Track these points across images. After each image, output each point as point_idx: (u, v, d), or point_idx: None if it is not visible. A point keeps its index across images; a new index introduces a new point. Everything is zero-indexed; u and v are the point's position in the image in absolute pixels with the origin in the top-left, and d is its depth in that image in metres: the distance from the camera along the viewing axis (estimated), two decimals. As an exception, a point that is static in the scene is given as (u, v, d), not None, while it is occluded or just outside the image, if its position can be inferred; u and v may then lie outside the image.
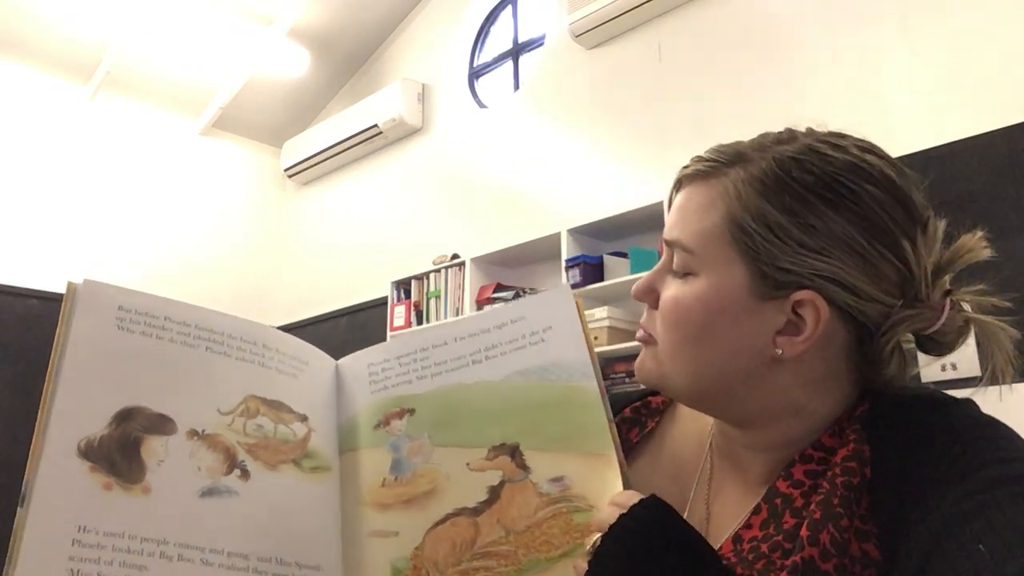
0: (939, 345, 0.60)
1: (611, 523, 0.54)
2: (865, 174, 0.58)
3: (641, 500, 0.55)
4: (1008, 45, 2.58)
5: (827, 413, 0.61)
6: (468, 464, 0.64)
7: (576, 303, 0.69)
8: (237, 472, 0.59)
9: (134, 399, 0.58)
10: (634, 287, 0.66)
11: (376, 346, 0.72)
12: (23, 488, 0.52)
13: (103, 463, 0.55)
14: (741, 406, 0.61)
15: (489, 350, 0.68)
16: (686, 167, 0.64)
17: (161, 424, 0.58)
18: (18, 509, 0.51)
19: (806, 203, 0.57)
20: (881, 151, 0.61)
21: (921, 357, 0.63)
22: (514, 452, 0.64)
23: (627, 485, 0.61)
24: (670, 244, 0.63)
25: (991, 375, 0.59)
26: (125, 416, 0.57)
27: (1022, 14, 2.57)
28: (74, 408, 0.56)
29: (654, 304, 0.64)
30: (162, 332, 0.62)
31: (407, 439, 0.66)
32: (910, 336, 0.60)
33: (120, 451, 0.56)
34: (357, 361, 0.72)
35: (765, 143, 0.62)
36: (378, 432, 0.67)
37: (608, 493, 0.60)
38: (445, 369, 0.69)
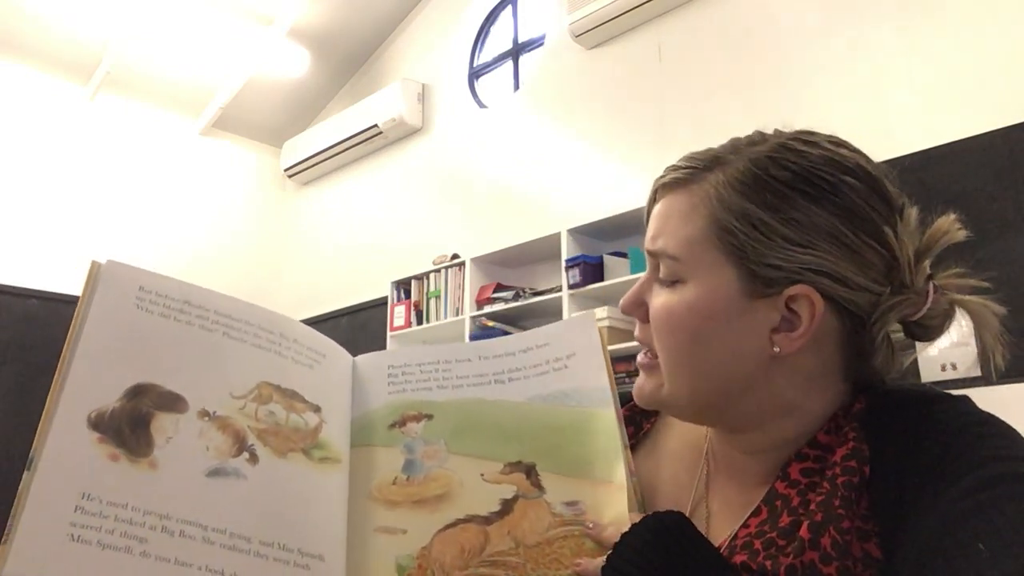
0: (927, 330, 0.61)
1: (615, 541, 0.55)
2: (841, 166, 0.59)
3: (642, 519, 0.55)
4: (1008, 45, 2.59)
5: (820, 411, 0.61)
6: (483, 475, 0.64)
7: (599, 331, 0.70)
8: (246, 455, 0.59)
9: (148, 376, 0.59)
10: (622, 301, 0.65)
11: (396, 349, 0.73)
12: (31, 454, 0.52)
13: (112, 435, 0.55)
14: (739, 412, 0.61)
15: (513, 372, 0.69)
16: (661, 176, 0.64)
17: (173, 402, 0.59)
18: (24, 473, 0.51)
19: (787, 199, 0.57)
20: (851, 145, 0.62)
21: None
22: (530, 471, 0.64)
23: (634, 509, 0.61)
24: (654, 254, 0.63)
25: (983, 352, 0.60)
26: (137, 392, 0.58)
27: (1022, 14, 2.57)
28: (87, 380, 0.57)
29: (644, 317, 0.64)
30: (180, 315, 0.63)
31: (422, 442, 0.66)
32: (897, 326, 0.61)
33: (130, 425, 0.56)
34: (376, 360, 0.72)
35: (738, 146, 0.62)
36: (393, 432, 0.67)
37: (620, 521, 0.60)
38: (467, 383, 0.69)
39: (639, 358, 0.66)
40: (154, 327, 0.61)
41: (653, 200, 0.65)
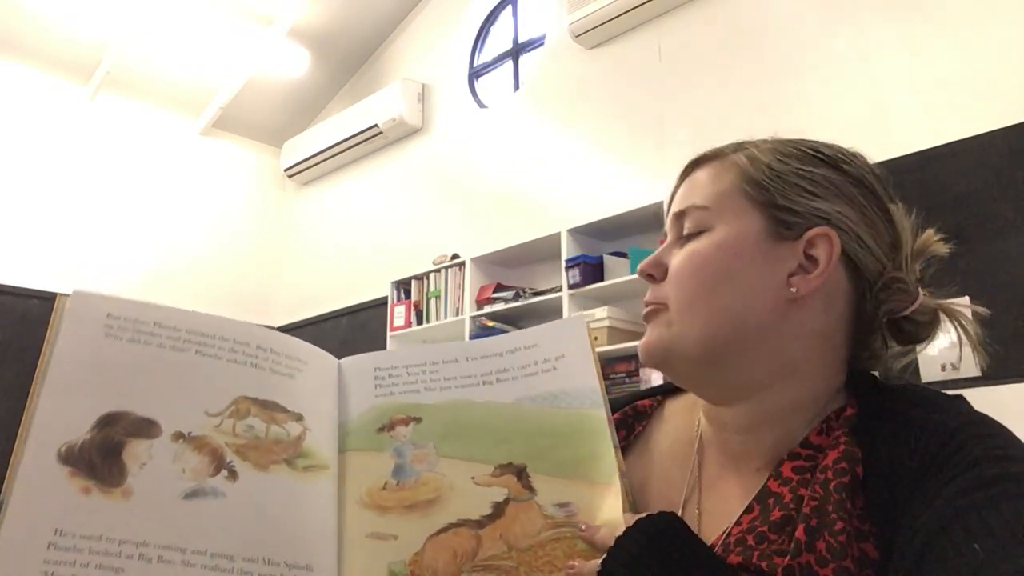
0: (918, 327, 0.65)
1: (611, 545, 0.55)
2: (850, 153, 0.67)
3: (636, 522, 0.55)
4: (1007, 45, 2.58)
5: (815, 386, 0.62)
6: (473, 478, 0.64)
7: (588, 333, 0.70)
8: (224, 473, 0.58)
9: (119, 404, 0.58)
10: (641, 264, 0.68)
11: (382, 351, 0.72)
12: (1, 494, 0.52)
13: (83, 468, 0.54)
14: (746, 364, 0.62)
15: (501, 373, 0.69)
16: (692, 158, 0.70)
17: (145, 428, 0.58)
18: None
19: (810, 162, 0.65)
20: None
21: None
22: (520, 473, 0.64)
23: (626, 510, 0.61)
24: (681, 214, 0.67)
25: (971, 352, 0.64)
26: (108, 421, 0.57)
27: (1022, 14, 2.57)
28: (56, 415, 0.56)
29: (662, 276, 0.66)
30: (150, 337, 0.62)
31: (412, 446, 0.66)
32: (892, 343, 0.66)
33: (101, 455, 0.55)
34: (362, 362, 0.71)
35: (762, 138, 0.68)
36: (382, 436, 0.66)
37: (613, 523, 0.60)
38: (455, 385, 0.69)
39: (644, 312, 0.67)
40: (124, 353, 0.60)
41: (677, 187, 0.70)
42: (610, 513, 0.60)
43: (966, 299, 0.66)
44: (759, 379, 0.62)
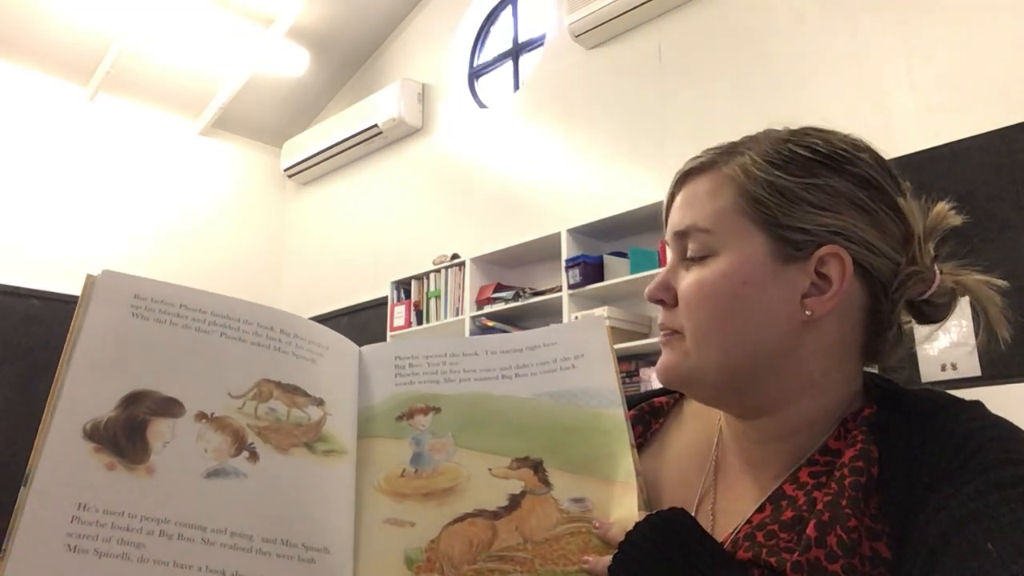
0: (937, 308, 0.64)
1: (620, 540, 0.55)
2: (854, 145, 0.63)
3: (647, 517, 0.55)
4: (1008, 45, 2.59)
5: (835, 396, 0.62)
6: (491, 470, 0.65)
7: (607, 333, 0.71)
8: (245, 454, 0.59)
9: (144, 383, 0.59)
10: (648, 289, 0.66)
11: (403, 340, 0.72)
12: (27, 469, 0.53)
13: (108, 444, 0.56)
14: (766, 387, 0.62)
15: (520, 368, 0.70)
16: (682, 168, 0.67)
17: (169, 407, 0.59)
18: (21, 489, 0.52)
19: (810, 170, 0.61)
20: None
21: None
22: (537, 467, 0.65)
23: (641, 507, 0.61)
24: (683, 233, 0.64)
25: (987, 328, 0.62)
26: (133, 399, 0.58)
27: (1022, 14, 2.58)
28: (83, 392, 0.57)
29: (672, 301, 0.65)
30: (176, 319, 0.63)
31: (430, 435, 0.67)
32: (906, 316, 0.64)
33: (125, 433, 0.56)
34: (383, 351, 0.72)
35: (754, 137, 0.66)
36: (401, 424, 0.67)
37: (627, 520, 0.60)
38: (474, 377, 0.70)
39: (660, 339, 0.66)
40: (150, 333, 0.62)
41: (673, 195, 0.67)
42: (625, 511, 0.61)
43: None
44: (780, 397, 0.62)
